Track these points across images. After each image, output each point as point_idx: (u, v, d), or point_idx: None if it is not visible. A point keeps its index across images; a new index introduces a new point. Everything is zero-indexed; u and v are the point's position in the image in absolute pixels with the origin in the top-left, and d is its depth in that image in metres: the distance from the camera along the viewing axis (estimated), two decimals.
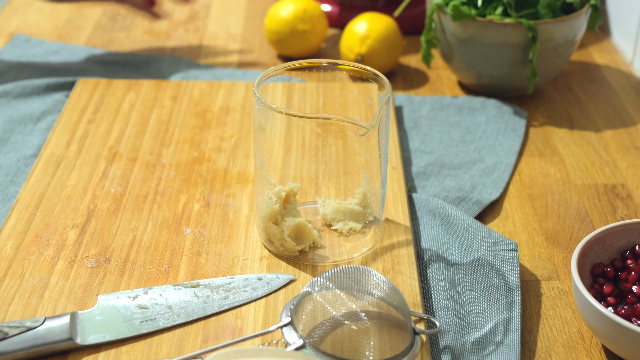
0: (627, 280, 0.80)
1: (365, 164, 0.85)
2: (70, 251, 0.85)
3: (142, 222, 0.90)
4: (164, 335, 0.76)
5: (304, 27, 1.23)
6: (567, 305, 0.84)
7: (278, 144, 0.84)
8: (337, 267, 0.76)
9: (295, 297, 0.77)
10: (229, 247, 0.86)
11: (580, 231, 0.93)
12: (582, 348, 0.79)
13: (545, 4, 1.08)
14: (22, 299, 0.79)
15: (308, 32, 1.23)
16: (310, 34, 1.23)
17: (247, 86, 1.15)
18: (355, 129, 0.80)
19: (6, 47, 1.28)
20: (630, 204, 0.97)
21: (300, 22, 1.23)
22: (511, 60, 1.10)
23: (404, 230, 0.89)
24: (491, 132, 1.09)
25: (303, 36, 1.23)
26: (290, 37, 1.23)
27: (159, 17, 1.20)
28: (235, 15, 1.42)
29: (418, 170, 1.02)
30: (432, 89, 1.20)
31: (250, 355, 0.65)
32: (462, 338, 0.78)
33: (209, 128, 1.06)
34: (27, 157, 1.01)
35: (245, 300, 0.79)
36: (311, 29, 1.23)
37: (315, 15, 1.24)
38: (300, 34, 1.23)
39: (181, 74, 1.21)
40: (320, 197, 0.89)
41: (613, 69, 1.26)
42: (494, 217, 0.95)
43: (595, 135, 1.10)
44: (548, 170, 1.03)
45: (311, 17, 1.24)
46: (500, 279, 0.83)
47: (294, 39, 1.23)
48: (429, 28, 1.14)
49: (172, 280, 0.82)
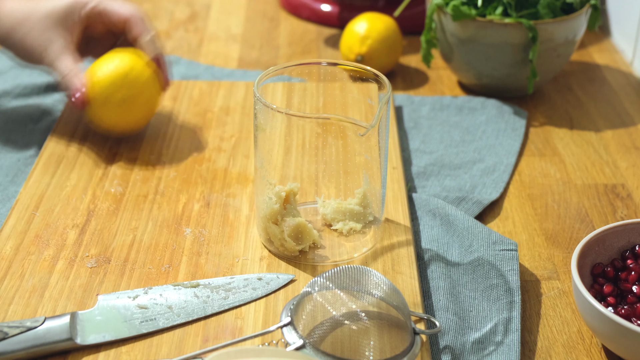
0: (627, 280, 0.80)
1: (365, 164, 0.85)
2: (70, 251, 0.85)
3: (142, 222, 0.90)
4: (164, 335, 0.76)
5: (122, 94, 0.96)
6: (567, 305, 0.84)
7: (278, 144, 0.84)
8: (337, 267, 0.76)
9: (295, 297, 0.77)
10: (229, 247, 0.86)
11: (580, 231, 0.93)
12: (582, 348, 0.79)
13: (545, 4, 1.08)
14: (22, 299, 0.79)
15: (128, 101, 0.97)
16: (133, 105, 0.97)
17: (247, 86, 1.15)
18: (355, 129, 0.80)
19: None
20: (630, 204, 0.97)
21: (119, 87, 0.96)
22: (511, 60, 1.10)
23: (404, 230, 0.89)
24: (491, 132, 1.09)
25: (122, 107, 0.97)
26: (104, 106, 0.97)
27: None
28: (235, 15, 1.42)
29: (418, 170, 1.02)
30: (432, 89, 1.20)
31: (251, 355, 0.65)
32: (462, 338, 0.78)
33: (209, 128, 1.06)
34: (27, 157, 1.01)
35: (245, 300, 0.79)
36: (133, 99, 0.97)
37: (141, 79, 0.97)
38: (118, 104, 0.96)
39: (181, 74, 1.21)
40: (320, 197, 0.89)
41: (613, 69, 1.26)
42: (494, 217, 0.95)
43: (595, 135, 1.10)
44: (548, 170, 1.03)
45: (135, 81, 0.97)
46: (500, 279, 0.83)
47: (109, 109, 0.97)
48: (429, 28, 1.14)
49: (172, 280, 0.82)
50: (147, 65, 0.98)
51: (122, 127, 0.98)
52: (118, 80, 0.95)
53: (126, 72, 0.96)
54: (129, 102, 0.96)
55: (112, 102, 0.96)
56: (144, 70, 0.97)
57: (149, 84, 0.98)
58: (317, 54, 1.29)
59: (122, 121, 0.97)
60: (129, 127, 0.99)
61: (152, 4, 1.44)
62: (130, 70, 0.96)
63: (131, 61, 0.97)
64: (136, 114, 0.98)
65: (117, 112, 0.97)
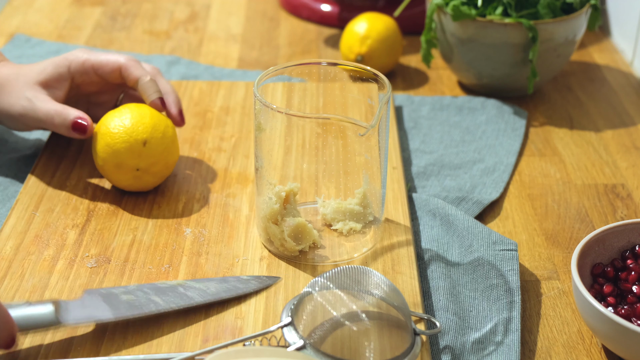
0: (627, 280, 0.80)
1: (365, 164, 0.85)
2: (70, 251, 0.85)
3: (142, 222, 0.90)
4: (164, 335, 0.76)
5: (137, 163, 0.90)
6: (567, 305, 0.84)
7: (278, 144, 0.84)
8: (337, 267, 0.76)
9: (296, 297, 0.77)
10: (229, 247, 0.86)
11: (580, 231, 0.93)
12: (582, 348, 0.79)
13: (545, 4, 1.08)
14: (22, 299, 0.79)
15: (143, 170, 0.90)
16: (146, 173, 0.91)
17: (247, 86, 1.15)
18: (355, 129, 0.80)
19: (6, 47, 1.28)
20: (630, 204, 0.97)
21: (137, 156, 0.89)
22: (511, 60, 1.10)
23: (404, 230, 0.89)
24: (491, 132, 1.09)
25: (134, 174, 0.91)
26: (117, 171, 0.90)
27: None
28: (235, 15, 1.42)
29: (418, 170, 1.02)
30: (432, 89, 1.20)
31: (251, 355, 0.65)
32: (462, 338, 0.78)
33: (209, 128, 1.06)
34: (27, 157, 1.01)
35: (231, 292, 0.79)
36: (148, 167, 0.90)
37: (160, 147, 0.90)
38: (131, 171, 0.90)
39: (181, 74, 1.21)
40: (320, 197, 0.89)
41: (613, 69, 1.26)
42: (494, 217, 0.95)
43: (595, 135, 1.10)
44: (548, 170, 1.03)
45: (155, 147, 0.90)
46: (500, 279, 0.83)
47: (122, 174, 0.91)
48: (429, 28, 1.14)
49: (172, 279, 0.82)
50: (167, 128, 0.91)
51: (134, 188, 0.92)
52: (136, 148, 0.89)
53: (145, 138, 0.89)
54: (142, 172, 0.90)
55: (126, 168, 0.90)
56: (165, 134, 0.91)
57: (169, 149, 0.91)
58: (317, 54, 1.29)
59: (135, 184, 0.91)
60: (141, 188, 0.92)
61: (152, 4, 1.44)
62: (149, 137, 0.89)
63: (150, 126, 0.90)
64: (152, 179, 0.92)
65: (129, 179, 0.91)
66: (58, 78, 0.94)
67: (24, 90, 0.93)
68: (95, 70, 0.95)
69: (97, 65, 0.95)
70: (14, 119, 0.94)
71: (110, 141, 0.89)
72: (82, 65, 0.95)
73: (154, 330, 0.77)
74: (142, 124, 0.89)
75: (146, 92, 0.94)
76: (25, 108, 0.93)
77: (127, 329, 0.76)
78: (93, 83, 0.97)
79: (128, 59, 0.95)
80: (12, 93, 0.94)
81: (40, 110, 0.92)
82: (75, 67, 0.95)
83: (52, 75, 0.94)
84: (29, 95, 0.93)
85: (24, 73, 0.95)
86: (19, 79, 0.94)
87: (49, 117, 0.92)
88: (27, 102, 0.93)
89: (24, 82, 0.94)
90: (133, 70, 0.94)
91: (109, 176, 0.91)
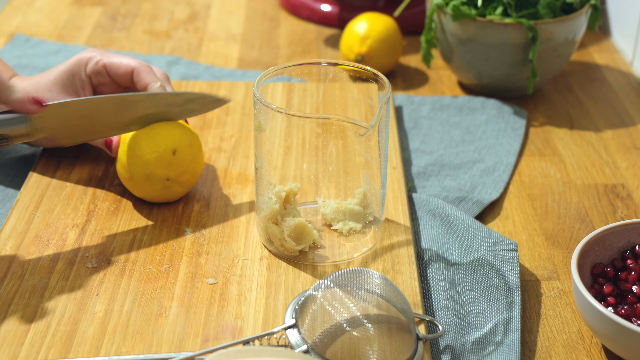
0: (627, 280, 0.80)
1: (365, 164, 0.85)
2: (70, 251, 0.85)
3: (142, 222, 0.90)
4: (164, 335, 0.76)
5: (167, 173, 0.89)
6: (567, 305, 0.84)
7: (278, 144, 0.84)
8: (342, 269, 0.75)
9: (299, 297, 0.77)
10: (229, 247, 0.87)
11: (580, 231, 0.93)
12: (582, 348, 0.79)
13: (545, 4, 1.08)
14: (22, 299, 0.79)
15: (173, 180, 0.90)
16: (175, 182, 0.90)
17: (247, 86, 1.15)
18: (355, 129, 0.80)
19: (6, 47, 1.28)
20: (630, 204, 0.97)
21: (167, 166, 0.89)
22: (511, 60, 1.10)
23: (404, 230, 0.89)
24: (491, 132, 1.09)
25: (164, 184, 0.90)
26: (146, 182, 0.90)
27: None
28: (235, 15, 1.42)
29: (418, 170, 1.02)
30: (432, 89, 1.20)
31: (251, 355, 0.65)
32: (462, 338, 0.78)
33: (209, 128, 1.06)
34: (27, 157, 1.01)
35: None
36: (177, 177, 0.90)
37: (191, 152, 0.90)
38: (161, 181, 0.90)
39: (181, 74, 1.21)
40: (320, 197, 0.89)
41: (613, 69, 1.26)
42: (494, 217, 0.95)
43: (595, 135, 1.10)
44: (548, 170, 1.03)
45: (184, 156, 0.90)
46: (500, 279, 0.84)
47: (151, 185, 0.90)
48: (429, 28, 1.14)
49: (172, 280, 0.82)
50: (193, 136, 0.91)
51: (162, 199, 0.91)
52: (165, 158, 0.88)
53: (174, 147, 0.89)
54: (172, 181, 0.90)
55: (156, 179, 0.89)
56: (192, 143, 0.90)
57: (196, 158, 0.91)
58: (317, 54, 1.29)
59: (164, 195, 0.91)
60: (169, 199, 0.92)
61: (152, 4, 1.44)
62: (178, 146, 0.89)
63: (178, 135, 0.89)
64: (180, 188, 0.91)
65: (158, 189, 0.90)
66: (81, 84, 0.96)
67: (52, 99, 0.94)
68: (107, 71, 0.95)
69: (109, 65, 0.96)
70: None
71: (139, 152, 0.88)
72: (96, 64, 0.96)
73: (154, 330, 0.77)
74: (171, 133, 0.89)
75: None
76: None
77: (127, 329, 0.77)
78: (106, 84, 0.97)
79: (141, 64, 0.95)
80: None
81: None
82: (90, 68, 0.96)
83: (74, 83, 0.95)
84: None
85: (46, 79, 0.95)
86: (43, 86, 0.95)
87: None
88: None
89: (50, 89, 0.94)
90: (144, 75, 0.95)
91: (137, 187, 0.90)
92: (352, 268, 0.75)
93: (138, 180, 0.89)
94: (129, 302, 0.79)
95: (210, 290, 0.81)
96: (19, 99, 0.85)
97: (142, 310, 0.79)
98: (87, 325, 0.77)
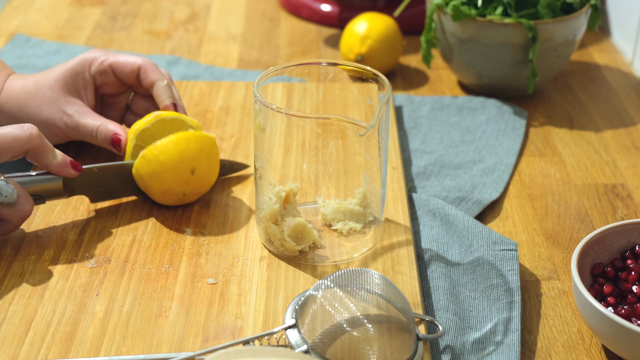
0: (627, 280, 0.80)
1: (365, 164, 0.85)
2: (70, 251, 0.85)
3: (142, 222, 0.90)
4: (164, 335, 0.76)
5: (184, 189, 0.89)
6: (567, 305, 0.84)
7: (278, 144, 0.84)
8: (343, 269, 0.75)
9: (299, 297, 0.77)
10: (229, 247, 0.86)
11: (580, 231, 0.93)
12: (582, 348, 0.79)
13: (545, 4, 1.08)
14: (22, 299, 0.79)
15: (189, 194, 0.90)
16: (192, 195, 0.91)
17: (247, 86, 1.15)
18: (355, 129, 0.80)
19: (6, 47, 1.28)
20: (630, 204, 0.97)
21: (184, 184, 0.89)
22: (511, 60, 1.10)
23: (404, 230, 0.89)
24: (491, 132, 1.09)
25: (179, 198, 0.90)
26: (162, 195, 0.90)
27: None
28: (235, 15, 1.42)
29: (418, 170, 1.02)
30: (432, 89, 1.20)
31: (251, 355, 0.65)
32: (462, 338, 0.78)
33: (209, 128, 1.06)
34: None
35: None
36: (194, 191, 0.90)
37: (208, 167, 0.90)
38: (178, 195, 0.90)
39: (181, 74, 1.21)
40: (320, 197, 0.89)
41: (613, 69, 1.26)
42: (494, 217, 0.95)
43: (595, 135, 1.10)
44: (548, 170, 1.03)
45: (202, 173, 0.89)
46: (500, 279, 0.84)
47: (166, 197, 0.90)
48: (429, 28, 1.14)
49: (172, 280, 0.82)
50: (212, 147, 0.90)
51: (176, 204, 0.92)
52: (184, 177, 0.88)
53: (193, 167, 0.88)
54: (188, 195, 0.90)
55: (173, 193, 0.89)
56: (210, 156, 0.90)
57: (213, 169, 0.91)
58: (317, 54, 1.29)
59: (179, 203, 0.91)
60: (183, 203, 0.92)
61: (152, 4, 1.44)
62: (197, 165, 0.88)
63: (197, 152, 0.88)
64: (196, 197, 0.91)
65: (173, 200, 0.90)
66: (84, 84, 0.96)
67: (55, 98, 0.94)
68: (113, 71, 0.96)
69: (115, 65, 0.96)
70: (50, 128, 0.95)
71: (157, 169, 0.87)
72: (101, 64, 0.96)
73: (154, 330, 0.77)
74: (189, 150, 0.88)
75: (161, 96, 0.95)
76: (69, 125, 0.94)
77: (127, 329, 0.77)
78: (110, 84, 0.97)
79: (147, 62, 0.96)
80: (45, 100, 0.94)
81: (82, 125, 0.94)
82: (95, 68, 0.96)
83: (77, 83, 0.95)
84: (70, 111, 0.94)
85: (49, 78, 0.95)
86: (46, 84, 0.95)
87: (92, 132, 0.94)
88: (70, 119, 0.94)
89: (52, 88, 0.94)
90: (151, 73, 0.95)
91: (153, 196, 0.90)
92: (352, 268, 0.75)
93: (154, 192, 0.89)
94: (129, 302, 0.79)
95: (210, 290, 0.81)
96: (59, 163, 0.86)
97: (142, 310, 0.79)
98: (87, 325, 0.77)
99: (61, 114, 0.94)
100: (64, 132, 0.95)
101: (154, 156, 0.88)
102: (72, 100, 0.95)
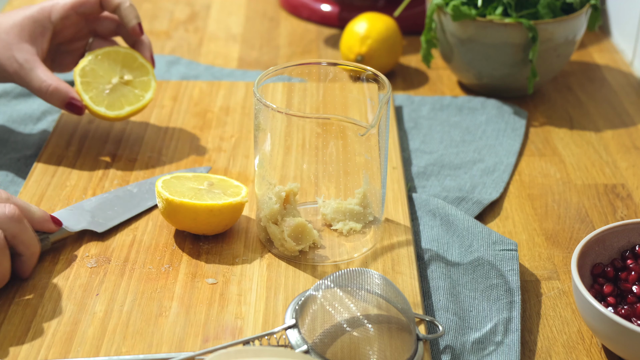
0: (627, 280, 0.80)
1: (365, 164, 0.85)
2: (70, 251, 0.85)
3: (142, 222, 0.90)
4: (164, 335, 0.76)
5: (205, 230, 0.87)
6: (567, 305, 0.84)
7: (278, 144, 0.84)
8: (343, 269, 0.75)
9: (299, 297, 0.77)
10: (229, 247, 0.86)
11: (580, 231, 0.93)
12: (582, 348, 0.79)
13: (545, 4, 1.08)
14: (22, 299, 0.79)
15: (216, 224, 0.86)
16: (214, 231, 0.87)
17: (247, 86, 1.15)
18: (355, 129, 0.80)
19: None
20: (630, 204, 0.97)
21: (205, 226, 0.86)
22: (511, 60, 1.10)
23: (404, 230, 0.89)
24: (491, 132, 1.09)
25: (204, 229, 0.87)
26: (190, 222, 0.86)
27: None
28: (235, 15, 1.42)
29: (418, 170, 1.02)
30: (432, 89, 1.20)
31: (251, 355, 0.65)
32: (462, 338, 0.78)
33: (209, 128, 1.06)
34: (27, 157, 1.01)
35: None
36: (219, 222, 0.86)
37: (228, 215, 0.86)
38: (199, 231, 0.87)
39: (181, 74, 1.21)
40: (320, 197, 0.89)
41: (613, 69, 1.26)
42: (494, 217, 0.95)
43: (595, 135, 1.10)
44: (548, 170, 1.03)
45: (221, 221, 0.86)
46: (500, 279, 0.84)
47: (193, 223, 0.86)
48: (429, 28, 1.14)
49: (172, 280, 0.82)
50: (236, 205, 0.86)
51: None
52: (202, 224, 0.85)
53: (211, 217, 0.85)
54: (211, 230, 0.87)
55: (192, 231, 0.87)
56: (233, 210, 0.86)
57: (238, 210, 0.87)
58: (317, 54, 1.29)
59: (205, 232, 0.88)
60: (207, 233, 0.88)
61: (152, 4, 1.44)
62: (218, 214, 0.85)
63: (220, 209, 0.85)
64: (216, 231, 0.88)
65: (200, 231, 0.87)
66: (42, 31, 0.95)
67: (9, 42, 0.93)
68: (76, 10, 0.96)
69: (77, 3, 0.96)
70: (3, 77, 0.96)
71: (173, 219, 0.86)
72: (62, 9, 0.96)
73: (154, 330, 0.77)
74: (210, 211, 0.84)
75: (127, 16, 0.97)
76: (19, 73, 0.94)
77: (127, 329, 0.77)
78: (71, 26, 0.98)
79: None
80: None
81: (34, 80, 0.94)
82: (56, 14, 0.96)
83: (34, 30, 0.95)
84: (20, 59, 0.94)
85: (6, 21, 0.95)
86: (2, 27, 0.94)
87: (43, 90, 0.94)
88: (20, 67, 0.94)
89: (8, 32, 0.94)
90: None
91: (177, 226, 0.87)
92: (352, 268, 0.75)
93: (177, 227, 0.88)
94: (129, 302, 0.79)
95: (210, 290, 0.81)
96: (39, 219, 0.83)
97: (142, 310, 0.79)
98: (87, 325, 0.77)
99: (12, 60, 0.94)
100: (13, 78, 0.95)
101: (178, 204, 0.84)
102: (24, 47, 0.94)
